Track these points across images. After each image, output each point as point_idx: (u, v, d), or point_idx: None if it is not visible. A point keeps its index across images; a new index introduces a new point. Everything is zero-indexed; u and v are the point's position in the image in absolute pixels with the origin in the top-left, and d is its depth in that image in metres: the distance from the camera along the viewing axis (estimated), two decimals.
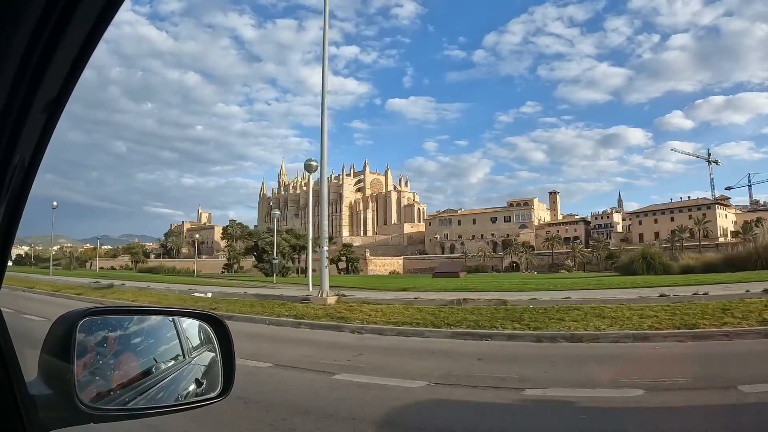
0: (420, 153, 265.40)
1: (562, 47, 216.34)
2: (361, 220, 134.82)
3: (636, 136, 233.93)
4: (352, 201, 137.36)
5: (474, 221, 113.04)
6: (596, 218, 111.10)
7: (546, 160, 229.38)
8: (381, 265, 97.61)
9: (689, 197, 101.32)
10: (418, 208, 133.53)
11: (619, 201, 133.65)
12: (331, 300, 15.28)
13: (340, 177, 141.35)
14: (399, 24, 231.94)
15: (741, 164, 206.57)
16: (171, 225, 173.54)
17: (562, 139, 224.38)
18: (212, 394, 1.38)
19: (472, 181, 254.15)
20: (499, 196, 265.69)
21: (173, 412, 1.26)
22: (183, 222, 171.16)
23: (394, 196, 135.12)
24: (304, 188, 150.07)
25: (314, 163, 20.66)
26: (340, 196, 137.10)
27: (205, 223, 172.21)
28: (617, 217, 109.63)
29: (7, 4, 0.64)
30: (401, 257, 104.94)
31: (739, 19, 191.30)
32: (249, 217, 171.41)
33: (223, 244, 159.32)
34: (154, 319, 1.42)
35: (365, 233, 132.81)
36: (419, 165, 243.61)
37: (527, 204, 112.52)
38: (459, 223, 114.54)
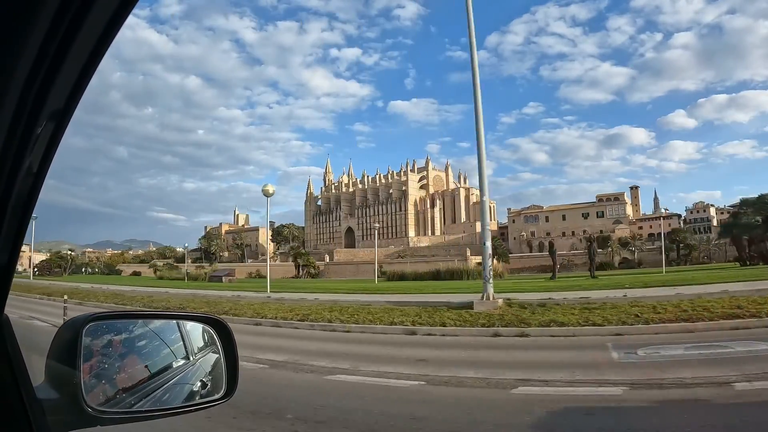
0: (422, 155, 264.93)
1: (565, 47, 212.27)
2: (428, 219, 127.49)
3: (639, 136, 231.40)
4: (417, 199, 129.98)
5: (564, 217, 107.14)
6: (690, 213, 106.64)
7: (548, 161, 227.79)
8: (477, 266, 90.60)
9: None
10: (489, 206, 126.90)
11: (655, 200, 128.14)
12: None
13: (401, 173, 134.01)
14: (401, 25, 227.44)
15: (743, 163, 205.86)
16: (206, 227, 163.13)
17: (565, 139, 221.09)
18: (216, 396, 1.40)
19: (474, 183, 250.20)
20: (502, 197, 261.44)
21: (178, 413, 1.27)
22: (221, 224, 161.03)
23: (462, 193, 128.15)
24: (360, 186, 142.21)
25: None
26: (404, 194, 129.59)
27: (243, 225, 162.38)
28: (712, 211, 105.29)
29: (16, 14, 0.64)
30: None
31: (742, 16, 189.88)
32: (252, 221, 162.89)
33: (272, 246, 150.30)
34: (158, 323, 1.44)
35: (432, 233, 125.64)
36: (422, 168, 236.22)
37: (617, 198, 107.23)
38: (547, 219, 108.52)
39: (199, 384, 1.42)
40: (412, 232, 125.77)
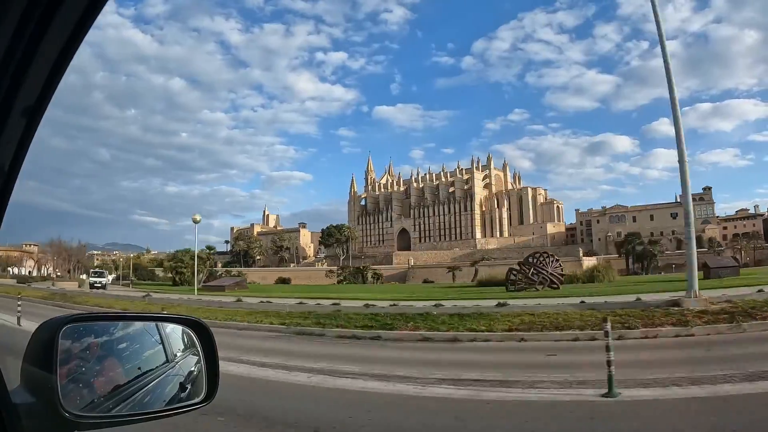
0: (406, 161, 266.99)
1: (551, 54, 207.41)
2: (496, 220, 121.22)
3: (623, 143, 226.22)
4: (481, 199, 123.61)
5: (652, 217, 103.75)
6: None
7: (532, 168, 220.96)
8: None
9: None
10: (557, 206, 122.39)
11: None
12: None
13: (461, 171, 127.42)
14: (388, 30, 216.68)
15: (726, 171, 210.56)
16: (233, 228, 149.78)
17: (549, 146, 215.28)
18: (196, 400, 1.38)
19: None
20: None
21: (158, 418, 1.25)
22: (252, 225, 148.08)
23: (529, 192, 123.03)
24: (414, 184, 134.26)
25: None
26: (468, 194, 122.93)
27: (275, 226, 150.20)
28: None
29: None
30: (593, 258, 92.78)
31: (728, 25, 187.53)
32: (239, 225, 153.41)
33: (311, 249, 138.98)
34: (138, 325, 1.41)
35: (500, 234, 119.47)
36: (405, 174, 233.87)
37: (702, 198, 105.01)
38: (634, 219, 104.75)
39: (179, 387, 1.39)
40: (478, 234, 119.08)
